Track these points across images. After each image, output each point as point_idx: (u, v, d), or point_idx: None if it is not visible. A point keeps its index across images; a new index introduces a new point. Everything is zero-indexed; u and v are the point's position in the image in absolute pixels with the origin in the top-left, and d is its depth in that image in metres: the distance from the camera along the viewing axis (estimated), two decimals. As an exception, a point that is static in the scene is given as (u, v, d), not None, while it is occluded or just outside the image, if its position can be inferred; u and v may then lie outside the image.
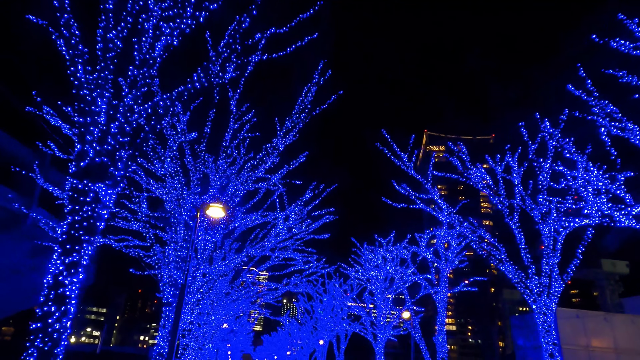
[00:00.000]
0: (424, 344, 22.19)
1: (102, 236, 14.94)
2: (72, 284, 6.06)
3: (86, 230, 6.23)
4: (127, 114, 6.56)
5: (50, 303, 5.90)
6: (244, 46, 7.74)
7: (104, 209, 6.43)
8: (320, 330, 46.08)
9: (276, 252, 23.20)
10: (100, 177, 6.30)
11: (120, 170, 6.52)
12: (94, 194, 6.27)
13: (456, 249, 22.62)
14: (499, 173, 16.70)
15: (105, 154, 6.37)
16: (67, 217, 6.20)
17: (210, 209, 10.00)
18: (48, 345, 5.72)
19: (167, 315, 11.54)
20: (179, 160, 13.42)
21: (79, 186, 6.24)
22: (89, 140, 6.28)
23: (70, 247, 6.11)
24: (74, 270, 6.07)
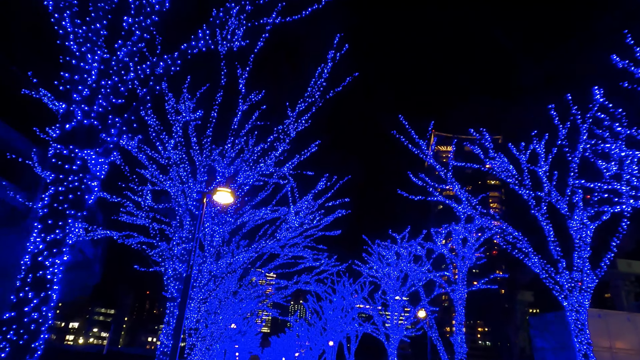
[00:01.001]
0: (441, 344, 21.16)
1: (104, 229, 14.16)
2: (54, 265, 5.18)
3: (71, 204, 5.34)
4: (122, 72, 5.69)
5: (28, 288, 5.00)
6: (255, 6, 6.86)
7: (94, 180, 5.55)
8: (329, 331, 45.10)
9: (286, 249, 22.36)
10: (89, 142, 5.42)
11: (113, 136, 5.64)
12: (81, 161, 5.39)
13: (474, 244, 21.59)
14: (523, 162, 15.70)
15: (96, 116, 5.49)
16: (50, 187, 5.31)
17: (217, 193, 9.13)
18: (24, 339, 4.82)
19: (171, 312, 10.69)
20: (184, 147, 12.58)
21: (63, 152, 5.34)
22: (76, 99, 5.39)
23: (52, 223, 5.23)
24: (56, 250, 5.19)
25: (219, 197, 9.21)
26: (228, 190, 9.11)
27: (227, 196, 9.18)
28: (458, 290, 21.06)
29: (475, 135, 16.17)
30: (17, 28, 17.53)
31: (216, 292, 21.39)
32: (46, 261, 5.16)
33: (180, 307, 8.21)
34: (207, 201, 9.41)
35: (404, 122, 14.98)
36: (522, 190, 15.17)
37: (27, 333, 4.86)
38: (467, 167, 16.43)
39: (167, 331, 10.49)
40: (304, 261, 23.68)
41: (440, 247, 21.93)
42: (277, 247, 21.42)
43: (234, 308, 27.62)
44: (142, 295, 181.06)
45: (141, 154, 11.69)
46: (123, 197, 12.63)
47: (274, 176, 16.13)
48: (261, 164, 12.83)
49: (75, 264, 32.55)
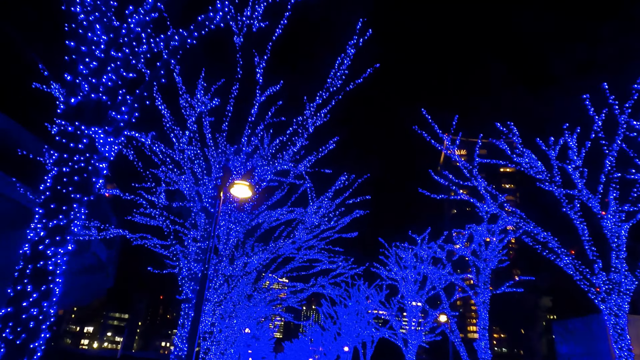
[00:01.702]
0: (464, 349, 20.29)
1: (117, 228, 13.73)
2: (56, 256, 4.60)
3: (77, 187, 4.78)
4: (133, 43, 5.16)
5: (26, 280, 4.40)
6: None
7: (102, 162, 5.01)
8: (344, 336, 44.25)
9: (302, 251, 21.79)
10: (97, 119, 4.88)
11: (123, 114, 5.10)
12: (88, 140, 4.84)
13: (497, 246, 20.72)
14: (552, 157, 14.90)
15: (104, 90, 4.96)
16: (53, 168, 4.77)
17: (235, 187, 8.57)
18: (21, 338, 4.25)
19: (186, 313, 10.15)
20: (199, 142, 12.09)
21: (68, 129, 4.80)
22: (82, 72, 4.87)
23: (55, 208, 4.67)
24: (59, 238, 4.62)
25: (236, 191, 8.65)
26: (246, 184, 8.55)
27: (245, 190, 8.62)
28: (481, 294, 20.21)
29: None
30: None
31: (231, 295, 20.89)
32: (48, 250, 4.59)
33: (196, 307, 7.65)
34: (224, 196, 8.87)
35: (426, 116, 14.31)
36: (552, 188, 14.36)
37: (25, 331, 4.28)
38: (492, 164, 15.67)
39: (182, 334, 9.95)
40: (320, 264, 23.07)
41: (461, 249, 21.11)
42: (293, 249, 20.87)
43: (248, 312, 27.11)
44: (155, 300, 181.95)
45: (155, 146, 11.22)
46: (137, 195, 12.17)
47: (290, 175, 15.58)
48: (279, 159, 12.27)
49: (89, 267, 32.35)
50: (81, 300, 46.10)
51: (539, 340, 34.82)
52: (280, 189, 17.88)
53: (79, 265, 31.58)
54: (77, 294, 40.67)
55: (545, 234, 14.28)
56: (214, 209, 11.47)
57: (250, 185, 8.64)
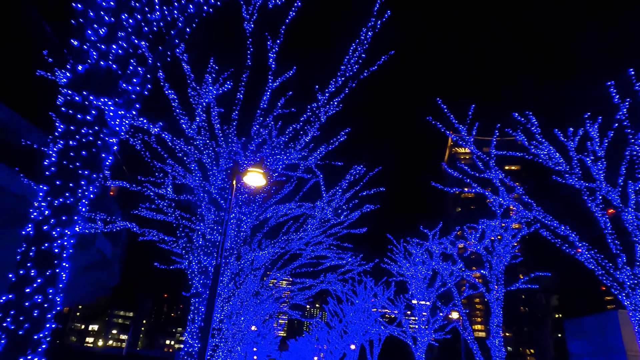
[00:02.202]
0: (477, 347, 19.83)
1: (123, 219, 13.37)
2: (62, 237, 4.18)
3: (85, 162, 4.37)
4: (145, 9, 4.76)
5: (30, 264, 3.98)
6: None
7: (112, 137, 4.61)
8: (350, 334, 43.86)
9: (310, 247, 21.40)
10: (107, 89, 4.47)
11: (135, 85, 4.70)
12: (96, 111, 4.44)
13: (510, 242, 20.24)
14: (571, 149, 14.43)
15: (114, 59, 4.56)
16: (58, 141, 4.36)
17: (248, 175, 8.17)
18: (24, 328, 3.85)
19: (196, 308, 9.77)
20: (208, 132, 11.68)
21: (75, 99, 4.39)
22: (90, 38, 4.45)
23: (61, 184, 4.26)
24: (65, 218, 4.21)
25: (250, 179, 8.25)
26: (260, 171, 8.15)
27: (258, 178, 8.21)
28: (494, 290, 19.74)
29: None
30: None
31: (238, 292, 20.55)
32: (53, 231, 4.18)
33: (209, 300, 7.26)
34: (236, 185, 8.46)
35: (442, 105, 13.85)
36: (572, 180, 13.88)
37: (28, 321, 3.87)
38: (508, 156, 15.20)
39: (192, 330, 9.57)
40: (327, 261, 22.66)
41: (474, 245, 20.64)
42: (302, 245, 20.48)
43: (255, 309, 26.78)
44: (160, 299, 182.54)
45: (164, 134, 10.82)
46: (144, 186, 11.79)
47: (300, 167, 15.16)
48: (290, 149, 11.87)
49: (94, 264, 32.06)
50: (86, 297, 45.88)
51: (549, 339, 34.31)
52: (289, 183, 17.49)
53: (83, 262, 31.28)
54: (81, 291, 40.42)
55: (564, 227, 13.81)
56: (223, 201, 11.08)
57: (264, 172, 8.24)
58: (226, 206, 7.89)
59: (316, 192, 18.59)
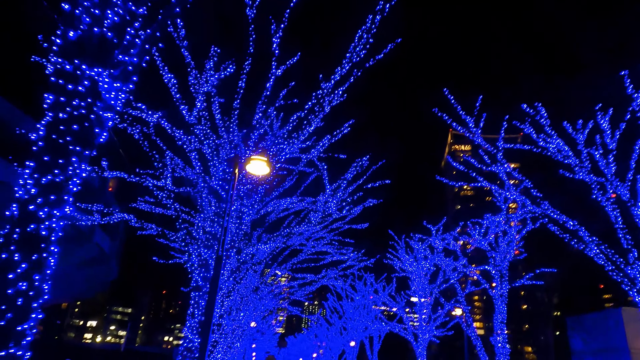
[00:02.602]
0: (481, 344, 19.55)
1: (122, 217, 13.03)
2: (50, 218, 3.80)
3: (76, 137, 3.99)
4: (144, -28, 4.41)
5: (13, 247, 3.60)
6: None
7: (107, 111, 4.23)
8: (350, 331, 43.59)
9: (311, 242, 21.08)
10: (101, 59, 4.10)
11: (132, 57, 4.32)
12: (89, 82, 4.07)
13: (514, 238, 19.92)
14: (580, 142, 14.09)
15: (109, 26, 4.19)
16: (47, 113, 3.99)
17: (251, 163, 7.81)
18: (6, 318, 3.47)
19: (196, 302, 9.43)
20: (208, 121, 11.32)
21: (65, 67, 4.01)
22: (83, 2, 4.06)
23: (49, 160, 3.87)
24: (54, 198, 3.83)
25: (253, 167, 7.90)
26: (264, 159, 7.79)
27: (262, 166, 7.86)
28: (498, 287, 19.43)
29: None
30: None
31: (238, 288, 20.22)
32: (40, 211, 3.78)
33: (210, 293, 6.91)
34: (239, 174, 8.11)
35: (449, 96, 13.49)
36: (582, 174, 13.54)
37: (11, 310, 3.48)
38: (508, 153, 14.85)
39: (192, 324, 9.23)
40: (328, 257, 22.34)
41: (477, 240, 20.32)
42: (303, 240, 20.16)
43: (254, 305, 26.48)
44: (159, 295, 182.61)
45: (163, 121, 10.47)
46: (142, 177, 11.43)
47: (303, 160, 14.79)
48: (293, 139, 11.51)
49: (92, 259, 31.70)
50: (84, 293, 45.53)
51: (550, 336, 34.03)
52: (290, 176, 17.15)
53: (81, 257, 30.92)
54: (79, 287, 40.07)
55: (573, 221, 13.49)
56: (224, 192, 10.72)
57: (268, 160, 7.88)
58: (228, 196, 7.54)
59: (318, 187, 18.24)
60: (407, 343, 34.87)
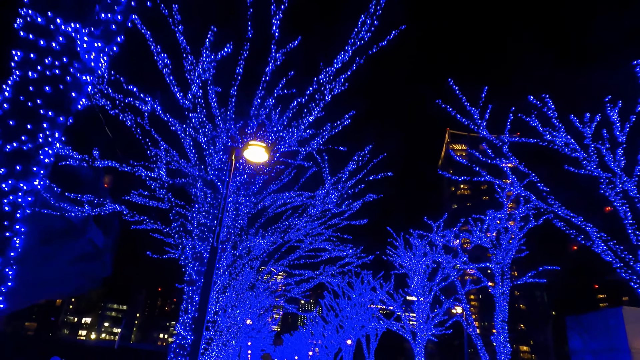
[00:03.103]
0: (481, 343, 19.16)
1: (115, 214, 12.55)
2: (16, 192, 3.30)
3: (48, 100, 3.48)
4: None
5: None
6: None
7: (86, 74, 3.72)
8: (346, 329, 43.22)
9: (308, 238, 20.65)
10: (79, 14, 3.61)
11: (116, 14, 3.83)
12: (65, 39, 3.56)
13: (517, 234, 19.53)
14: (587, 135, 13.70)
15: (89, -24, 3.75)
16: (14, 72, 3.47)
17: (249, 149, 7.33)
18: (-40, 309, 3.05)
19: (189, 297, 8.96)
20: (204, 109, 10.83)
21: (37, 20, 3.51)
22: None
23: (15, 125, 3.38)
24: (20, 168, 3.31)
25: (251, 154, 7.42)
26: (262, 145, 7.32)
27: (260, 153, 7.38)
28: (499, 285, 19.04)
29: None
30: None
31: (234, 284, 19.80)
32: (3, 183, 3.30)
33: (204, 288, 6.45)
34: (236, 161, 7.63)
35: (453, 86, 13.05)
36: (590, 168, 13.14)
37: (-35, 298, 3.04)
38: (521, 143, 14.42)
39: (185, 320, 8.76)
40: (326, 253, 21.91)
41: (479, 237, 19.92)
42: (301, 235, 19.73)
43: (250, 302, 26.07)
44: (154, 292, 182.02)
45: (156, 105, 9.98)
46: (135, 167, 10.93)
47: (301, 153, 14.32)
48: (293, 128, 11.04)
49: (85, 255, 31.19)
50: (78, 289, 44.92)
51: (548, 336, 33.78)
52: (288, 170, 16.71)
53: (74, 253, 30.41)
54: (73, 283, 39.51)
55: (579, 217, 13.10)
56: (220, 183, 10.25)
57: (266, 147, 7.41)
58: (224, 184, 7.08)
59: (316, 182, 17.79)
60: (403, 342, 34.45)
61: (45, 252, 27.46)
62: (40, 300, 56.45)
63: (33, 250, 26.31)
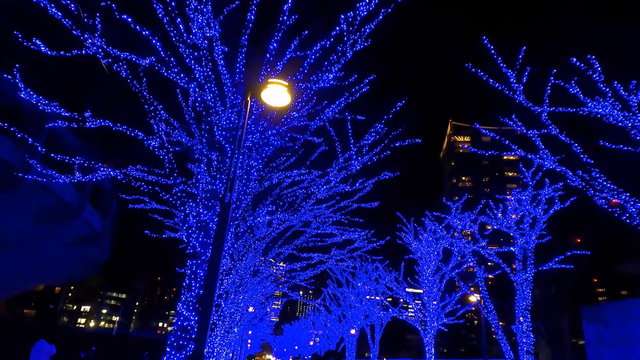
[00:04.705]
0: (502, 332, 17.96)
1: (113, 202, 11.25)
2: None
3: None
4: None
5: None
6: None
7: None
8: (349, 318, 42.14)
9: (318, 219, 19.42)
10: None
11: None
12: None
13: (541, 217, 18.25)
14: (633, 104, 12.34)
15: None
16: None
17: (268, 89, 5.93)
18: None
19: (193, 272, 7.67)
20: (210, 62, 9.48)
21: None
22: None
23: None
24: None
25: (269, 96, 6.06)
26: (284, 84, 5.97)
27: (281, 93, 6.02)
28: (522, 271, 17.80)
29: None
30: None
31: (237, 268, 18.66)
32: None
33: (214, 255, 5.17)
34: (250, 103, 6.27)
35: (488, 46, 11.66)
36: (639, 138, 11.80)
37: None
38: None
39: (188, 298, 7.49)
40: (334, 238, 20.69)
41: (500, 221, 18.65)
42: (310, 217, 18.48)
43: (253, 289, 24.98)
44: (154, 281, 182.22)
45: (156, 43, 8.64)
46: (131, 126, 9.60)
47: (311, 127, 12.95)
48: (311, 82, 9.68)
49: (82, 238, 29.95)
50: (75, 275, 43.83)
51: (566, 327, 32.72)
52: (298, 144, 15.42)
53: (70, 236, 29.17)
54: (70, 268, 38.40)
55: (625, 194, 11.79)
56: (228, 144, 8.93)
57: (288, 86, 6.06)
58: (237, 135, 5.76)
59: (325, 161, 16.52)
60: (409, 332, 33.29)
61: (39, 234, 26.22)
62: (36, 285, 55.54)
63: (26, 231, 25.07)
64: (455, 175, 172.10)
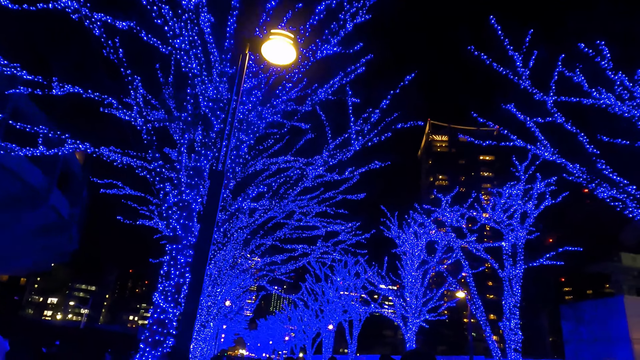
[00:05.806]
0: (489, 329, 17.49)
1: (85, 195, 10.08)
2: None
3: None
4: None
5: None
6: None
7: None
8: (327, 313, 41.44)
9: (300, 211, 18.59)
10: None
11: None
12: None
13: (532, 212, 17.85)
14: (638, 95, 11.88)
15: None
16: None
17: (271, 42, 4.95)
18: None
19: (173, 258, 6.65)
20: (196, 26, 8.44)
21: None
22: None
23: None
24: None
25: (272, 52, 5.09)
26: (290, 36, 5.01)
27: (286, 49, 5.06)
28: (511, 267, 17.36)
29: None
30: None
31: (216, 259, 17.64)
32: None
33: (203, 233, 4.24)
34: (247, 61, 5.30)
35: (495, 26, 10.97)
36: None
37: None
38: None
39: (166, 288, 6.48)
40: (317, 231, 19.87)
41: (492, 215, 18.16)
42: (295, 207, 17.62)
43: (231, 281, 23.96)
44: (125, 274, 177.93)
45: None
46: (104, 93, 8.47)
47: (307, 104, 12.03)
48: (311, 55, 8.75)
49: (48, 226, 28.14)
50: (41, 264, 41.62)
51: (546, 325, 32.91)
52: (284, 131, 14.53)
53: (35, 223, 27.35)
54: (36, 256, 36.34)
55: (632, 186, 11.31)
56: (214, 117, 7.93)
57: (294, 39, 5.12)
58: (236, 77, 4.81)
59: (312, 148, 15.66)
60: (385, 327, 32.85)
61: (2, 220, 24.44)
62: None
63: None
64: (432, 173, 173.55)
